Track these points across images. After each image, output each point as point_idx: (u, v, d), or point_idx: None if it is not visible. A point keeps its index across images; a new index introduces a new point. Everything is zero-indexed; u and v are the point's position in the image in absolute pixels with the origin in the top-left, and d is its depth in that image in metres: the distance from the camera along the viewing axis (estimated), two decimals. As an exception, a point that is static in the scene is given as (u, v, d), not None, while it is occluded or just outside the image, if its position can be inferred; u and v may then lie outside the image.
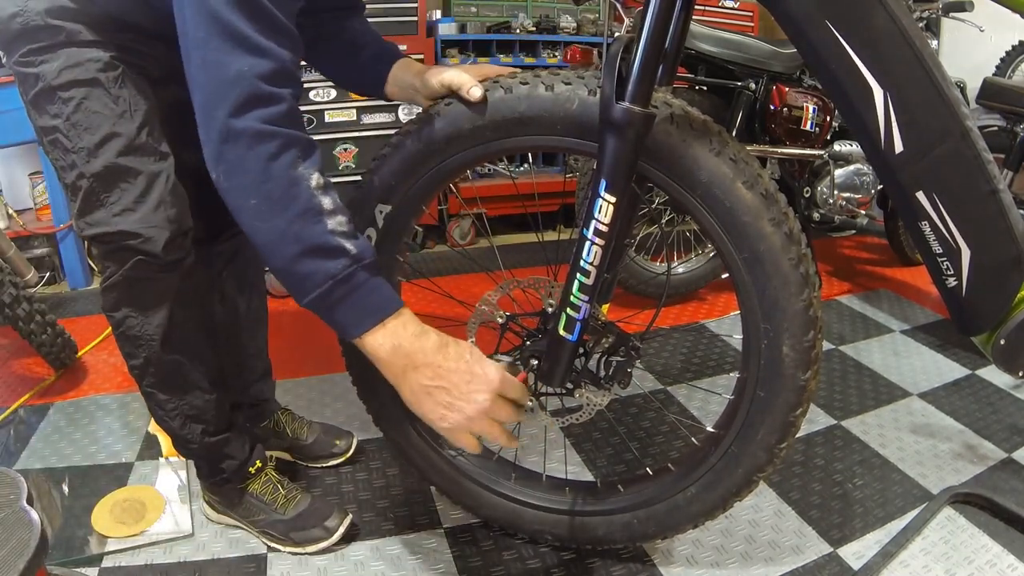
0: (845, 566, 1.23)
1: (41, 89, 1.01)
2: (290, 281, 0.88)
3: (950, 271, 1.03)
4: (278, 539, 1.27)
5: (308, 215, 0.85)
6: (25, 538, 0.70)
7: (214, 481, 1.29)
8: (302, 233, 0.85)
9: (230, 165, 0.84)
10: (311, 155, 0.88)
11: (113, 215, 1.03)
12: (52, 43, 0.99)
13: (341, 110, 2.77)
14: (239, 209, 0.87)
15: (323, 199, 0.86)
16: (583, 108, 0.97)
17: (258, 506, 1.29)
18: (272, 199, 0.84)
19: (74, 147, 1.02)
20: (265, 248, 0.87)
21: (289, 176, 0.85)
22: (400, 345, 0.90)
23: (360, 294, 0.88)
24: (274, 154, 0.84)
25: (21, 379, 1.88)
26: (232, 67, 0.82)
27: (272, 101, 0.84)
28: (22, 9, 0.98)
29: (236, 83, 0.82)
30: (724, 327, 2.24)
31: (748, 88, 2.20)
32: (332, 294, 0.87)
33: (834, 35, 0.88)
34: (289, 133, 0.85)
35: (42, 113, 1.03)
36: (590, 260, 0.97)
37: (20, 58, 1.01)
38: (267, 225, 0.85)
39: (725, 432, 1.08)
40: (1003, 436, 1.62)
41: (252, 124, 0.83)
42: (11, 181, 2.66)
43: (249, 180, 0.84)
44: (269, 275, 2.38)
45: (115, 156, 1.02)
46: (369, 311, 0.89)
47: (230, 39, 0.82)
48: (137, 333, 1.12)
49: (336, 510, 1.29)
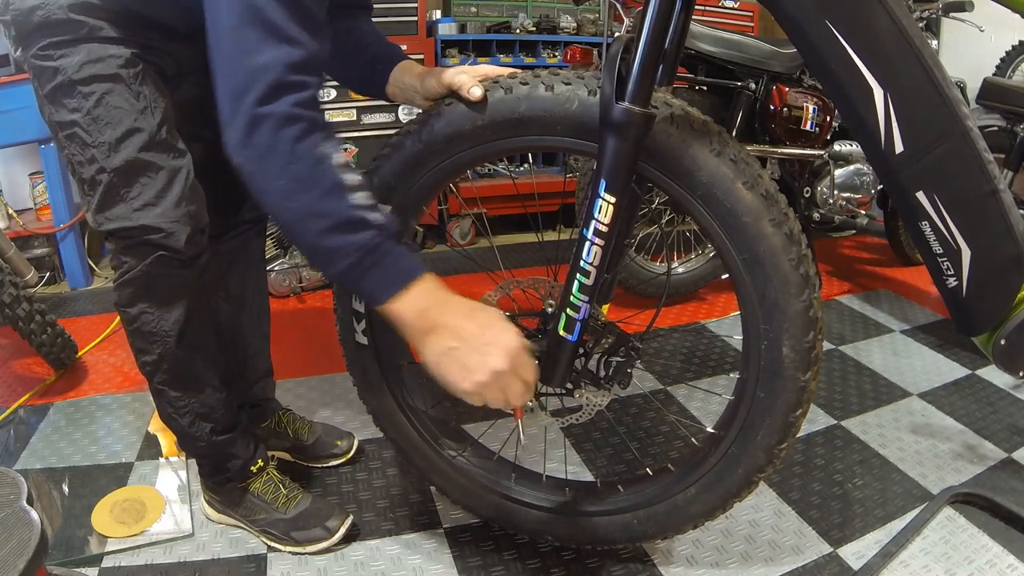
0: (845, 566, 1.23)
1: (60, 83, 1.01)
2: (319, 255, 0.91)
3: (950, 271, 1.03)
4: (279, 539, 1.27)
5: (334, 191, 0.87)
6: (25, 538, 0.70)
7: (216, 480, 1.29)
8: (330, 209, 0.87)
9: (257, 149, 0.86)
10: (333, 137, 0.90)
11: (134, 210, 1.04)
12: (74, 37, 1.00)
13: (341, 110, 2.77)
14: (265, 191, 0.88)
15: (347, 176, 0.89)
16: (583, 108, 0.97)
17: (259, 505, 1.29)
18: (299, 178, 0.87)
19: (94, 142, 1.02)
20: (293, 226, 0.90)
21: (315, 155, 0.87)
22: (425, 309, 0.92)
23: (387, 262, 0.90)
24: (300, 136, 0.86)
25: (21, 379, 1.88)
26: (264, 55, 0.84)
27: (299, 88, 0.86)
28: (44, 2, 0.98)
29: (266, 70, 0.84)
30: (724, 327, 2.24)
31: (748, 88, 2.20)
32: (361, 264, 0.89)
33: (834, 35, 0.88)
34: (313, 116, 0.87)
35: (59, 107, 1.03)
36: (590, 260, 0.97)
37: (39, 51, 1.01)
38: (296, 204, 0.87)
39: (725, 432, 1.08)
40: (1003, 436, 1.62)
41: (280, 109, 0.85)
42: (11, 181, 2.66)
43: (277, 162, 0.86)
44: (268, 275, 2.39)
45: (137, 151, 1.03)
46: (395, 278, 0.91)
47: (263, 28, 0.84)
48: (152, 329, 1.12)
49: (337, 510, 1.30)
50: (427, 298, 0.92)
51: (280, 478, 1.33)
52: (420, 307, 0.92)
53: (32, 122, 2.31)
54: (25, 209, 2.65)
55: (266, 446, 1.40)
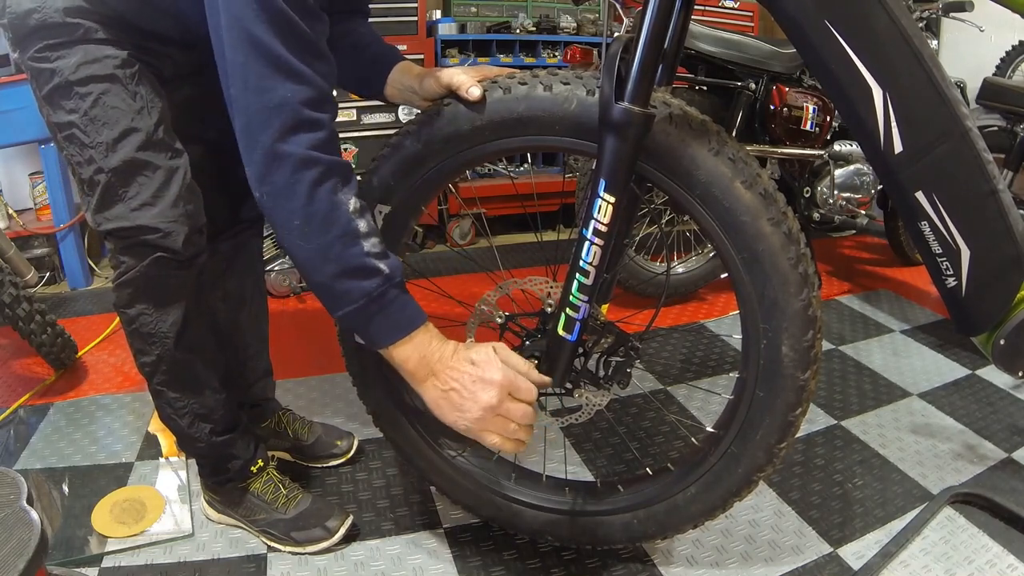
0: (845, 566, 1.23)
1: (57, 84, 1.02)
2: (327, 296, 0.94)
3: (950, 271, 1.02)
4: (279, 539, 1.27)
5: (347, 238, 0.91)
6: (25, 538, 0.70)
7: (216, 480, 1.29)
8: (342, 254, 0.90)
9: (276, 188, 0.89)
10: (350, 181, 0.93)
11: (132, 209, 1.04)
12: (69, 39, 1.00)
13: (341, 110, 2.77)
14: (282, 228, 0.92)
15: (360, 222, 0.92)
16: (582, 108, 0.97)
17: (259, 505, 1.29)
18: (315, 222, 0.90)
19: (92, 142, 1.03)
20: (305, 265, 0.93)
21: (331, 201, 0.90)
22: (424, 356, 0.96)
23: (391, 310, 0.94)
24: (317, 180, 0.89)
25: (21, 379, 1.88)
26: (276, 93, 0.86)
27: (315, 127, 0.89)
28: (40, 5, 0.99)
29: (280, 110, 0.86)
30: (724, 327, 2.24)
31: (748, 88, 2.20)
32: (366, 310, 0.93)
33: (834, 35, 0.88)
34: (331, 160, 0.90)
35: (57, 109, 1.04)
36: (589, 260, 0.97)
37: (35, 53, 1.01)
38: (309, 245, 0.91)
39: (725, 432, 1.08)
40: (1003, 436, 1.62)
41: (297, 150, 0.87)
42: (11, 181, 2.66)
43: (295, 204, 0.89)
44: (268, 275, 2.39)
45: (134, 151, 1.03)
46: (398, 325, 0.95)
47: (270, 64, 0.85)
48: (151, 330, 1.12)
49: (337, 510, 1.30)
50: (427, 345, 0.96)
51: (280, 478, 1.33)
52: (420, 354, 0.96)
53: (32, 122, 2.31)
54: (25, 209, 2.65)
55: (266, 446, 1.40)
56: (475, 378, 0.94)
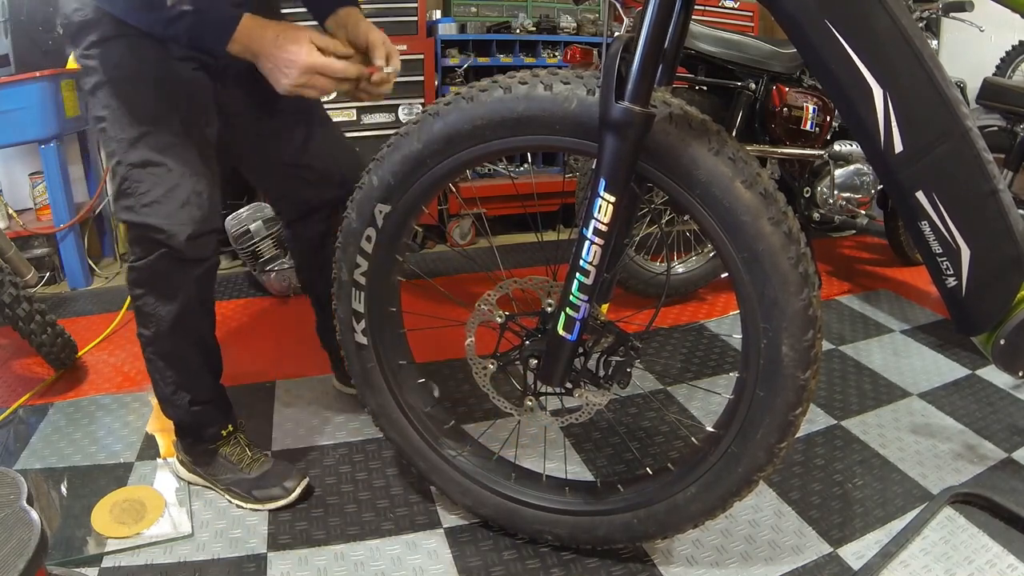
0: (845, 566, 1.23)
1: (97, 82, 1.13)
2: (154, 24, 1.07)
3: (950, 271, 1.02)
4: (241, 496, 1.36)
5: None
6: (25, 538, 0.70)
7: (190, 442, 1.39)
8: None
9: None
10: None
11: (142, 205, 1.14)
12: (113, 36, 1.10)
13: (341, 110, 2.77)
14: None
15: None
16: (582, 108, 0.97)
17: (226, 466, 1.38)
18: None
19: (116, 137, 1.14)
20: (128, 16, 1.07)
21: None
22: (247, 45, 1.09)
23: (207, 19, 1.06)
24: None
25: (21, 379, 1.88)
26: None
27: None
28: (82, 5, 1.10)
29: None
30: (724, 327, 2.24)
31: (748, 88, 2.20)
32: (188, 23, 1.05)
33: (834, 35, 0.88)
34: None
35: (95, 103, 1.15)
36: (589, 260, 0.97)
37: (84, 50, 1.13)
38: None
39: (725, 432, 1.08)
40: (1003, 436, 1.62)
41: None
42: (11, 181, 2.66)
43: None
44: (268, 275, 2.39)
45: (150, 151, 1.13)
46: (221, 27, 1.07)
47: None
48: (151, 312, 1.23)
49: (295, 472, 1.39)
50: (252, 36, 1.09)
51: (248, 442, 1.42)
52: (244, 44, 1.09)
53: (32, 122, 2.32)
54: (25, 209, 2.64)
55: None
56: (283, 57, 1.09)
